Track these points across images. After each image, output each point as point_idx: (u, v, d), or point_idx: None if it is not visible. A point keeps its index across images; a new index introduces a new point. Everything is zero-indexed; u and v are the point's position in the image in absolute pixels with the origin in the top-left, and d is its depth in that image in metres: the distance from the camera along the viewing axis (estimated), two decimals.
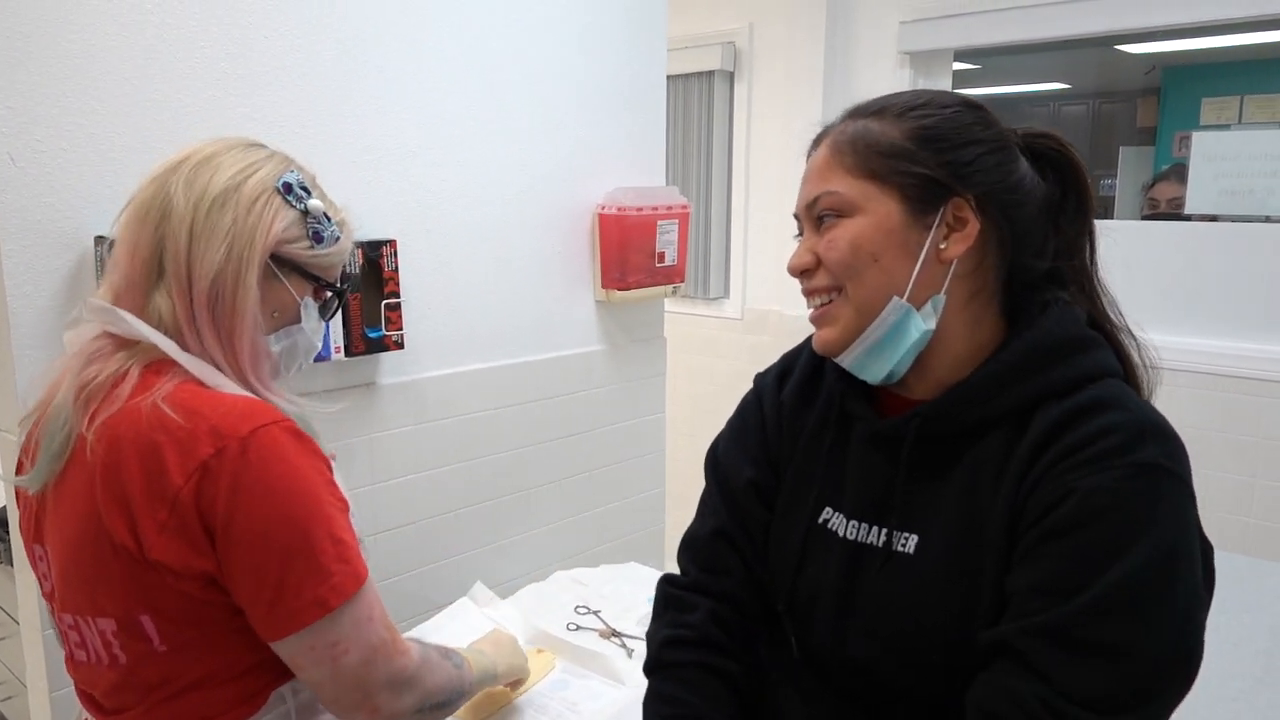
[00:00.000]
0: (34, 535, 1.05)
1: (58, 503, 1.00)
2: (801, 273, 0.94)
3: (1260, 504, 2.64)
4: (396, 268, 1.77)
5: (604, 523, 2.30)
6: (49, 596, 1.05)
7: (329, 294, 1.14)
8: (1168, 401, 2.71)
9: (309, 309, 1.11)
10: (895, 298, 0.88)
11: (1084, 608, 0.77)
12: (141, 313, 1.00)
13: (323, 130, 1.67)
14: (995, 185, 0.89)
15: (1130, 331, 0.96)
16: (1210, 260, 2.76)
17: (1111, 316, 0.96)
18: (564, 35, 2.03)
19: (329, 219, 1.10)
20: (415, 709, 1.05)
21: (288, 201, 1.05)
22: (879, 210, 0.88)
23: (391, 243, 1.76)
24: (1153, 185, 3.29)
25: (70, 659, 1.05)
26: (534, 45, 1.98)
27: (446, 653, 1.17)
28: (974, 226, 0.88)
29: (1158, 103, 5.84)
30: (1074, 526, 0.79)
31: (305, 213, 1.07)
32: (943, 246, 0.88)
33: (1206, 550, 0.84)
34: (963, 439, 0.89)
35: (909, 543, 0.90)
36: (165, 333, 0.99)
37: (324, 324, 1.17)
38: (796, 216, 0.97)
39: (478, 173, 1.92)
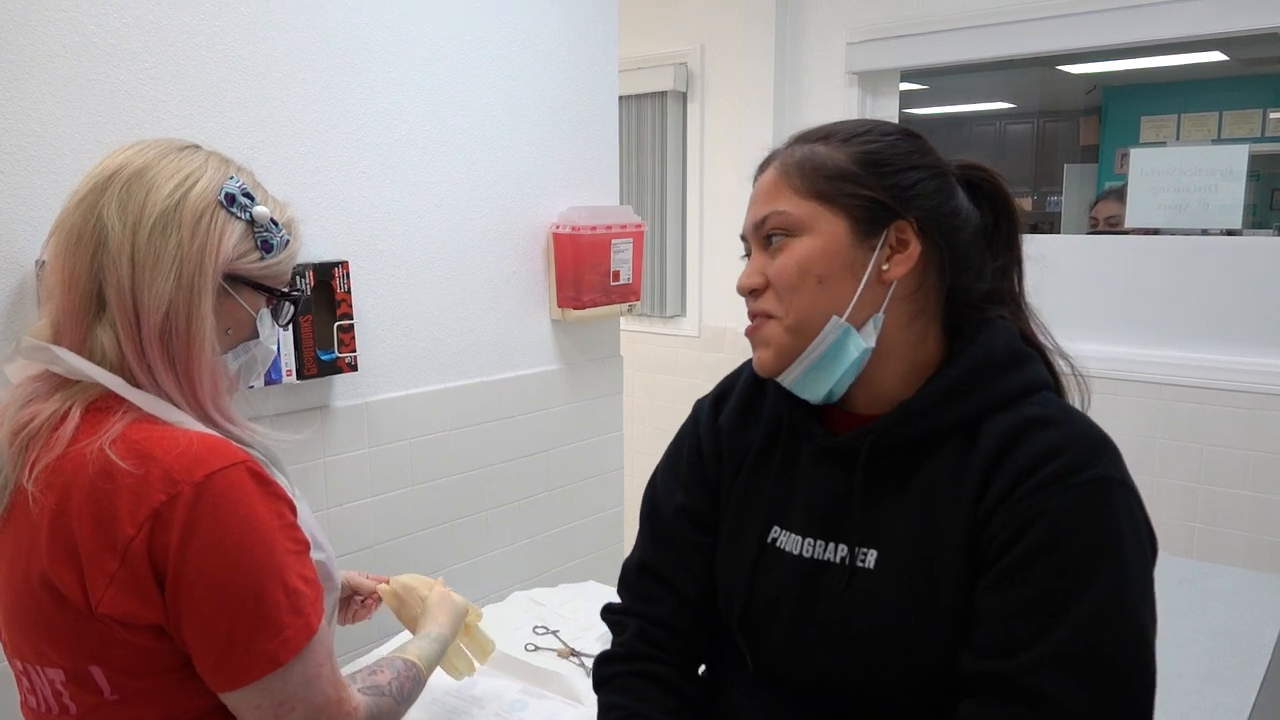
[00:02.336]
0: None
1: (5, 544, 0.95)
2: (750, 292, 0.96)
3: (1204, 509, 2.71)
4: (349, 289, 1.76)
5: (562, 542, 2.29)
6: (5, 639, 1.00)
7: (284, 301, 1.07)
8: (1114, 410, 2.78)
9: (264, 321, 1.05)
10: (835, 317, 0.91)
11: (1076, 630, 0.80)
12: (82, 348, 0.93)
13: (272, 151, 1.66)
14: (935, 209, 0.92)
15: (1059, 351, 1.00)
16: (1152, 273, 2.84)
17: (1039, 336, 1.00)
18: (516, 56, 2.05)
19: (276, 224, 1.02)
20: None
21: (232, 214, 0.97)
22: (826, 230, 0.91)
23: (344, 264, 1.75)
24: (1094, 205, 3.39)
25: (24, 704, 1.01)
26: (486, 66, 1.99)
27: (401, 685, 1.11)
28: (915, 248, 0.91)
29: (1099, 121, 6.00)
30: (1045, 550, 0.82)
31: (251, 222, 0.99)
32: (885, 267, 0.91)
33: (1152, 540, 0.88)
34: (915, 452, 0.92)
35: (868, 557, 0.92)
36: (110, 369, 0.93)
37: (279, 330, 1.11)
38: (744, 238, 0.99)
39: (430, 193, 1.92)
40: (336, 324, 1.74)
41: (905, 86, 3.44)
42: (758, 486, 1.03)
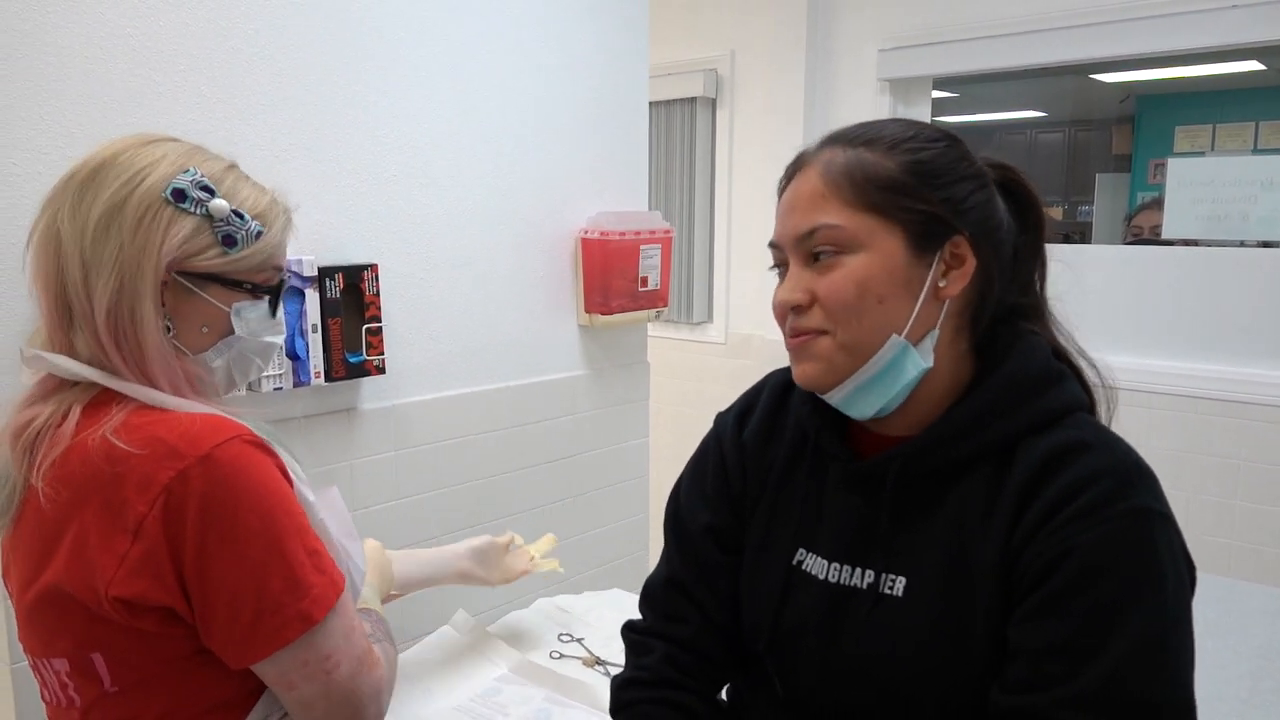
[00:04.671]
0: (5, 571, 1.02)
1: (15, 545, 0.96)
2: (794, 308, 0.89)
3: (1240, 525, 2.66)
4: (378, 292, 1.76)
5: (587, 549, 2.28)
6: (20, 636, 1.01)
7: (260, 294, 1.02)
8: (1148, 424, 2.73)
9: (243, 316, 1.01)
10: (894, 335, 0.86)
11: (1112, 668, 0.77)
12: (70, 352, 0.94)
13: (303, 155, 1.67)
14: (984, 222, 0.89)
15: (1083, 353, 0.95)
16: (1189, 284, 2.79)
17: (1064, 344, 0.95)
18: (546, 60, 2.04)
19: (241, 216, 0.97)
20: (385, 708, 1.04)
21: (182, 209, 0.94)
22: (883, 247, 0.86)
23: (373, 267, 1.75)
24: (1136, 214, 3.34)
25: (42, 698, 1.02)
26: (516, 71, 1.99)
27: (384, 630, 1.15)
28: (970, 264, 0.88)
29: (1132, 130, 5.94)
30: (1083, 585, 0.79)
31: (208, 216, 0.95)
32: (942, 284, 0.87)
33: (1191, 571, 0.85)
34: (945, 477, 0.89)
35: (897, 585, 0.89)
36: (98, 368, 0.93)
37: (279, 318, 1.07)
38: (775, 245, 0.93)
39: (460, 197, 1.92)
40: (365, 327, 1.74)
41: (936, 94, 3.41)
42: (783, 507, 1.00)
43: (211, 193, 0.96)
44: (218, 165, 0.99)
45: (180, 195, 0.94)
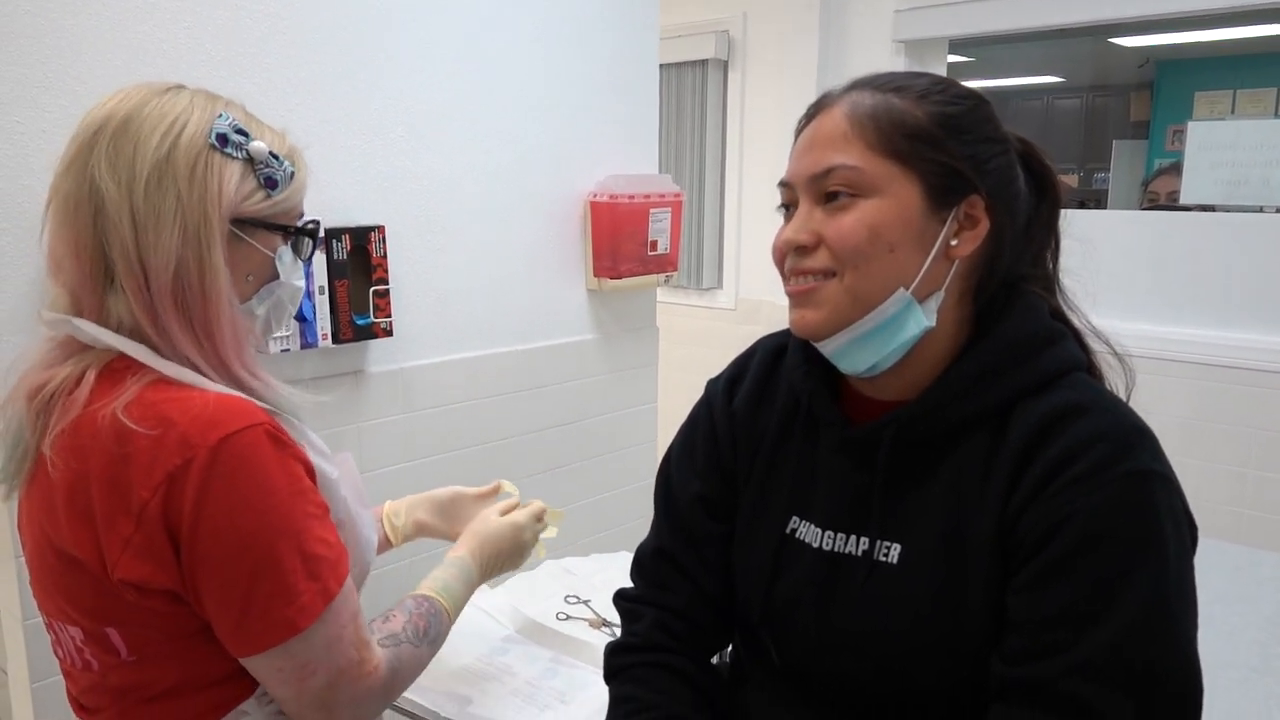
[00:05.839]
0: (19, 529, 1.01)
1: (28, 506, 0.95)
2: (796, 249, 0.87)
3: (1253, 494, 2.64)
4: (385, 254, 1.75)
5: (595, 512, 2.29)
6: (34, 594, 1.01)
7: (301, 236, 1.02)
8: (1161, 392, 2.70)
9: (283, 261, 0.99)
10: (901, 289, 0.84)
11: (1115, 636, 0.76)
12: (100, 317, 0.90)
13: (311, 115, 1.65)
14: (1004, 188, 0.87)
15: (1095, 331, 0.93)
16: (1206, 251, 2.75)
17: (1075, 320, 0.93)
18: (557, 22, 2.01)
19: (276, 157, 0.96)
20: (380, 715, 1.00)
21: (227, 155, 0.92)
22: (901, 195, 0.83)
23: (380, 228, 1.74)
24: (1153, 179, 3.29)
25: (54, 653, 1.02)
26: (526, 32, 1.96)
27: (416, 626, 1.09)
28: (984, 226, 0.85)
29: (1151, 96, 5.85)
30: (1083, 551, 0.77)
31: (250, 160, 0.94)
32: (954, 243, 0.85)
33: (1193, 531, 0.84)
34: (940, 442, 0.87)
35: (891, 552, 0.87)
36: (130, 335, 0.90)
37: (304, 263, 1.06)
38: (785, 184, 0.90)
39: (469, 159, 1.90)
40: (372, 289, 1.73)
41: (951, 58, 3.36)
42: (776, 474, 0.98)
43: (247, 136, 0.94)
44: (239, 109, 0.97)
45: (224, 140, 0.92)
